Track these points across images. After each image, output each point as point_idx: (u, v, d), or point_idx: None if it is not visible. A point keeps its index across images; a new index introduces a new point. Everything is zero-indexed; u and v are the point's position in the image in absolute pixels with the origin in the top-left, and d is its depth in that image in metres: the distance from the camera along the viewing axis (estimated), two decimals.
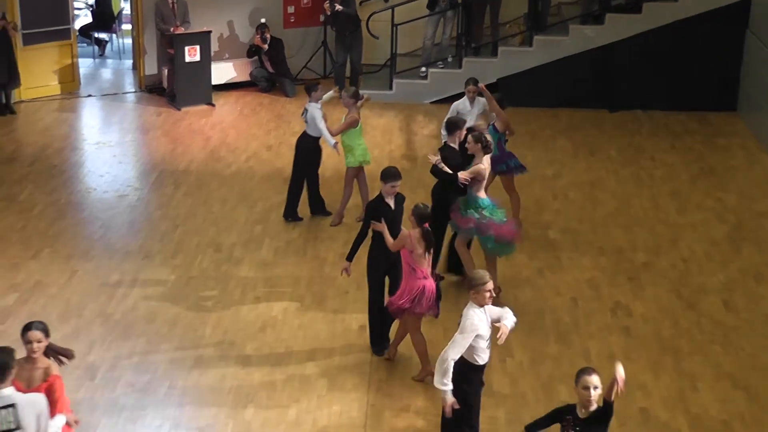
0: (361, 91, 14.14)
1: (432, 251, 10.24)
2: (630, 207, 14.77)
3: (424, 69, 19.17)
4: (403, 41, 19.09)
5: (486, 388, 9.28)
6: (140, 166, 16.10)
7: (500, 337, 8.55)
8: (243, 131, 17.61)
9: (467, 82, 13.97)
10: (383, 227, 10.46)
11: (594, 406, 7.56)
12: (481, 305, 8.49)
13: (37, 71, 18.65)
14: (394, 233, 10.52)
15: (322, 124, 13.46)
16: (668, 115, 18.53)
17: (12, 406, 7.07)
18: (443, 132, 13.01)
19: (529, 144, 16.78)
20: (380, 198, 10.82)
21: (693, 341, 11.36)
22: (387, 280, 10.88)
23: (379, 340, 10.96)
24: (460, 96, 14.32)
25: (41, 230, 13.68)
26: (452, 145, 12.20)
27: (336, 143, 13.47)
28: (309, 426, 9.80)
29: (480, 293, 8.43)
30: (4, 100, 17.91)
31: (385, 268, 10.79)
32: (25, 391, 7.51)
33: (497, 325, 8.76)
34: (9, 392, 7.12)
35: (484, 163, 11.48)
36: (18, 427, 7.05)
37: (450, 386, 8.38)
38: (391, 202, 10.81)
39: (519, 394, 10.31)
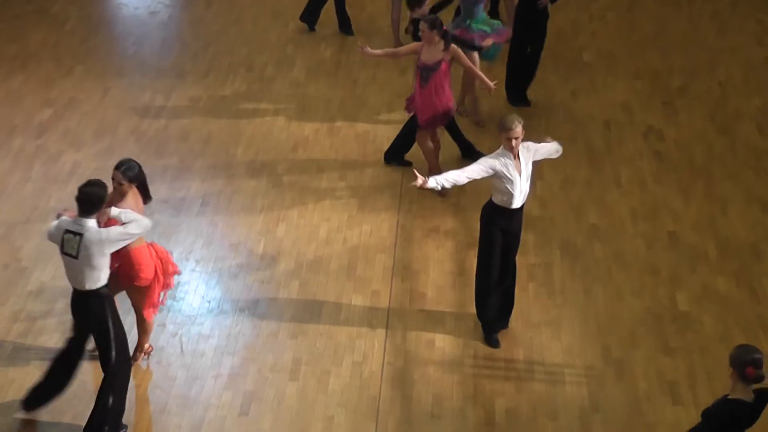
0: None
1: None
2: (668, 30, 14.48)
3: None
4: None
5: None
6: None
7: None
8: None
9: None
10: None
11: None
12: (507, 150, 8.28)
13: None
14: None
15: None
16: None
17: (80, 235, 7.24)
18: None
19: None
20: None
21: (725, 166, 11.32)
22: None
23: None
24: None
25: (74, 46, 13.65)
26: None
27: None
28: (339, 245, 9.96)
29: (502, 138, 8.22)
30: None
31: None
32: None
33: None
34: (87, 224, 7.27)
35: None
36: (77, 257, 7.25)
37: (434, 183, 8.26)
38: None
39: (548, 217, 10.39)
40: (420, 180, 8.14)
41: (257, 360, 8.47)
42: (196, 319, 8.92)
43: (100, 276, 7.37)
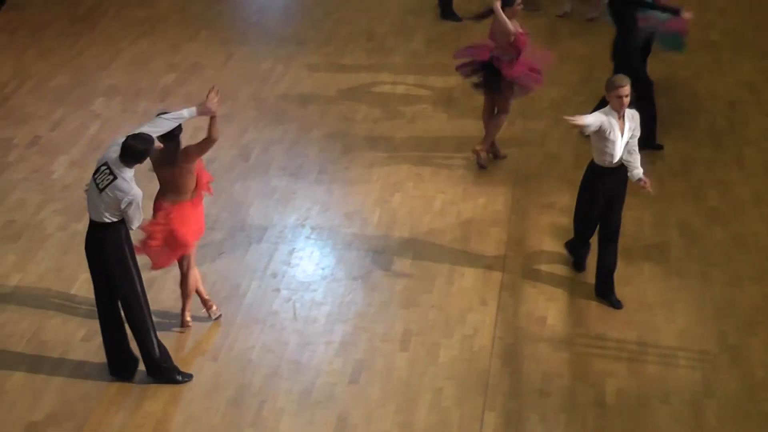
0: None
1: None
2: None
3: None
4: None
5: (632, 188, 9.19)
6: None
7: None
8: None
9: None
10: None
11: None
12: (614, 109, 8.30)
13: None
14: None
15: None
16: None
17: (114, 177, 7.33)
18: None
19: None
20: None
21: None
22: None
23: None
24: None
25: (199, 12, 13.89)
26: None
27: None
28: (453, 217, 9.95)
29: (611, 96, 8.27)
30: None
31: None
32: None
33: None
34: (125, 173, 7.33)
35: None
36: (101, 192, 7.32)
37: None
38: None
39: (667, 196, 10.21)
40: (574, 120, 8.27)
41: (368, 329, 8.54)
42: (309, 285, 9.03)
43: (114, 215, 7.46)
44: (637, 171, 8.55)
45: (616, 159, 8.48)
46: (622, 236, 9.01)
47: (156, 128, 7.54)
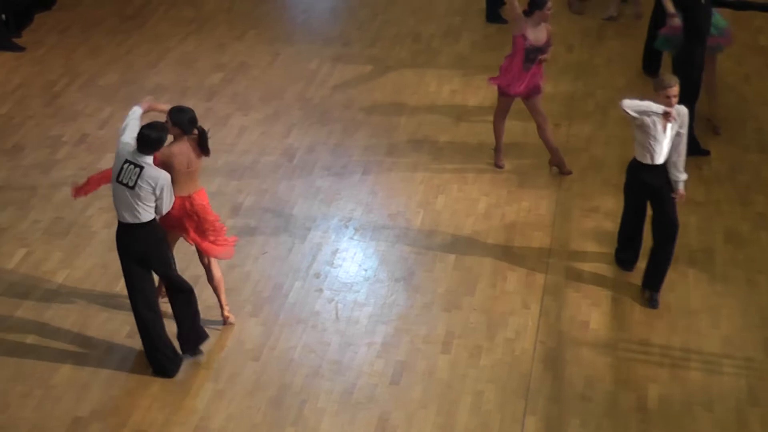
0: None
1: None
2: None
3: None
4: None
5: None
6: None
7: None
8: None
9: None
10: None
11: None
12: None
13: None
14: None
15: None
16: None
17: (141, 168, 7.53)
18: None
19: None
20: None
21: None
22: None
23: None
24: None
25: (246, 12, 13.98)
26: None
27: None
28: (497, 220, 9.93)
29: (659, 96, 8.29)
30: None
31: None
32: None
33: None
34: (147, 159, 7.58)
35: None
36: (133, 187, 7.53)
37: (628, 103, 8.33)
38: None
39: (713, 201, 10.13)
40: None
41: (410, 330, 8.55)
42: (352, 286, 9.05)
43: (149, 210, 7.62)
44: (679, 181, 8.57)
45: (659, 157, 8.48)
46: None
47: (134, 131, 7.73)
